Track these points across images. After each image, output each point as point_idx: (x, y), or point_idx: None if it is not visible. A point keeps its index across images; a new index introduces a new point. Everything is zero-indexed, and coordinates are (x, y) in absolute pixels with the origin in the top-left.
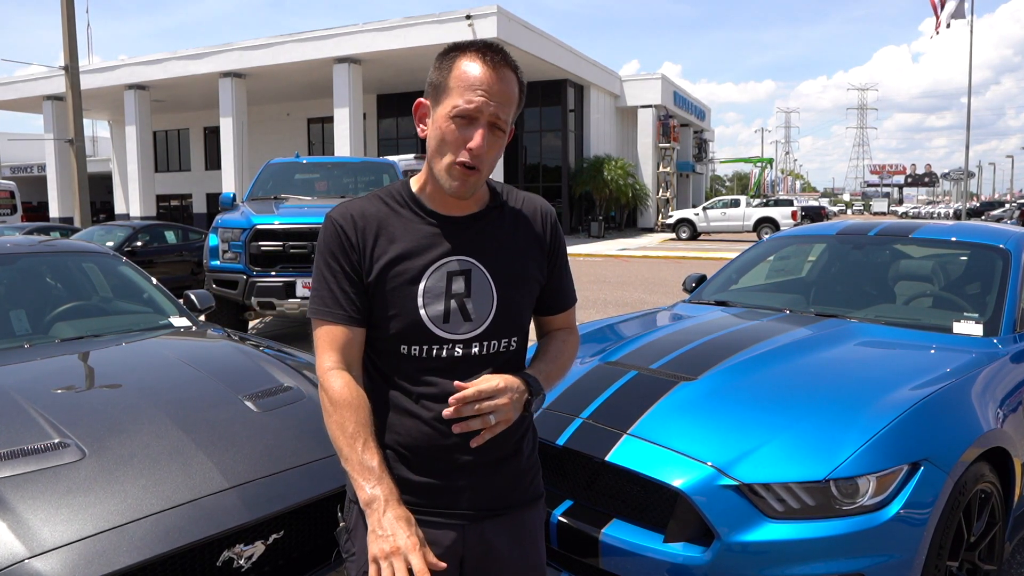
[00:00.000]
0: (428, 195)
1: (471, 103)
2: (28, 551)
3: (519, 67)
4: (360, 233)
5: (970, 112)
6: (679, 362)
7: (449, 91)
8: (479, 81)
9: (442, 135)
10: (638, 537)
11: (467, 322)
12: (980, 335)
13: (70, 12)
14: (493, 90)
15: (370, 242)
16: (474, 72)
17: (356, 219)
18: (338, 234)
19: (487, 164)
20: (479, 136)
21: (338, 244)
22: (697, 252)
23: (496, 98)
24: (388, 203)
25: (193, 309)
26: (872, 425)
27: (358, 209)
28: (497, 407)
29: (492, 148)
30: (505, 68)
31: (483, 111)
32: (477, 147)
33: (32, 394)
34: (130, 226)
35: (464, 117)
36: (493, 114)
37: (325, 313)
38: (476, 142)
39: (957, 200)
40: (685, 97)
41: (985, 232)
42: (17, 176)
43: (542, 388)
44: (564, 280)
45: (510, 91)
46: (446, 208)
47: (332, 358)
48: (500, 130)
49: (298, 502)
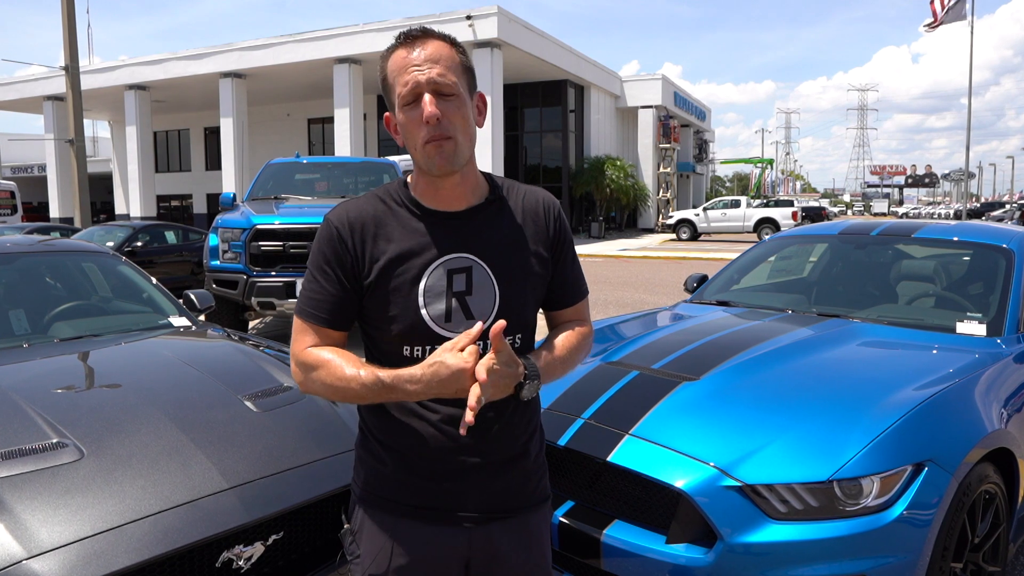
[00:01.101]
0: (422, 191)
1: (406, 84)
2: (26, 552)
3: (446, 34)
4: (357, 236)
5: (971, 113)
6: (681, 362)
7: (391, 86)
8: (405, 60)
9: (405, 127)
10: (640, 538)
11: (469, 320)
12: (983, 335)
13: (70, 12)
14: (420, 59)
15: (368, 244)
16: (400, 56)
17: (353, 222)
18: (333, 238)
19: (458, 129)
20: (427, 104)
21: (333, 249)
22: (698, 253)
23: (425, 65)
24: (385, 202)
25: (193, 309)
26: (876, 426)
27: (355, 210)
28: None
29: (454, 113)
30: (424, 38)
31: (420, 81)
32: (430, 114)
33: (31, 394)
34: (130, 226)
35: (410, 101)
36: (431, 80)
37: (310, 315)
38: (427, 110)
39: (957, 201)
40: (685, 98)
41: (988, 232)
42: (17, 176)
43: (538, 373)
44: (572, 273)
45: (437, 53)
46: (442, 203)
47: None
48: (451, 94)
49: (298, 503)
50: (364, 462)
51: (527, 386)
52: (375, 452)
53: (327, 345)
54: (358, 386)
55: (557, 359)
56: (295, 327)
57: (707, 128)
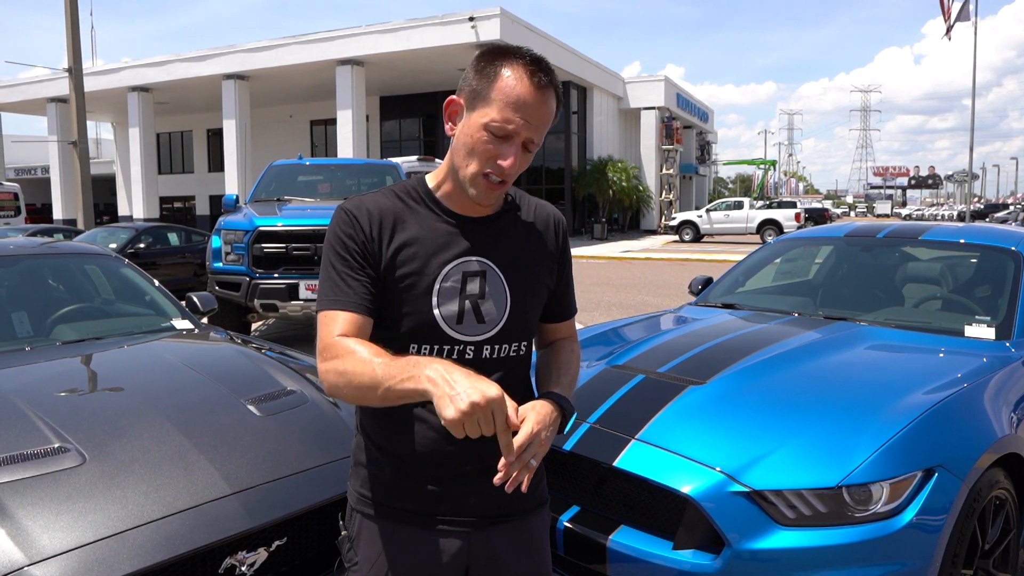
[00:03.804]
0: (445, 194)
1: (510, 123)
2: (27, 558)
3: (560, 89)
4: (376, 224)
5: (974, 114)
6: (687, 366)
7: (489, 101)
8: (523, 103)
9: (473, 143)
10: (646, 544)
11: (480, 324)
12: (992, 338)
13: (74, 14)
14: (535, 114)
15: (387, 235)
16: (519, 91)
17: (371, 211)
18: (351, 223)
19: (513, 179)
20: (512, 156)
21: (350, 233)
22: (700, 254)
23: (535, 121)
24: (403, 199)
25: (195, 311)
26: (885, 431)
27: (372, 202)
28: (540, 452)
29: (521, 165)
30: (550, 90)
31: (521, 133)
32: (509, 166)
33: (32, 398)
34: (133, 228)
35: (499, 134)
36: (530, 139)
37: (333, 303)
38: (509, 162)
39: (961, 202)
40: (688, 99)
41: (995, 234)
42: (21, 178)
43: (574, 408)
44: (569, 288)
45: (550, 114)
46: (462, 209)
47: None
48: (530, 151)
49: (301, 508)
50: (361, 468)
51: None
52: (373, 457)
53: (355, 335)
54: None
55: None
56: (320, 321)
57: (710, 129)
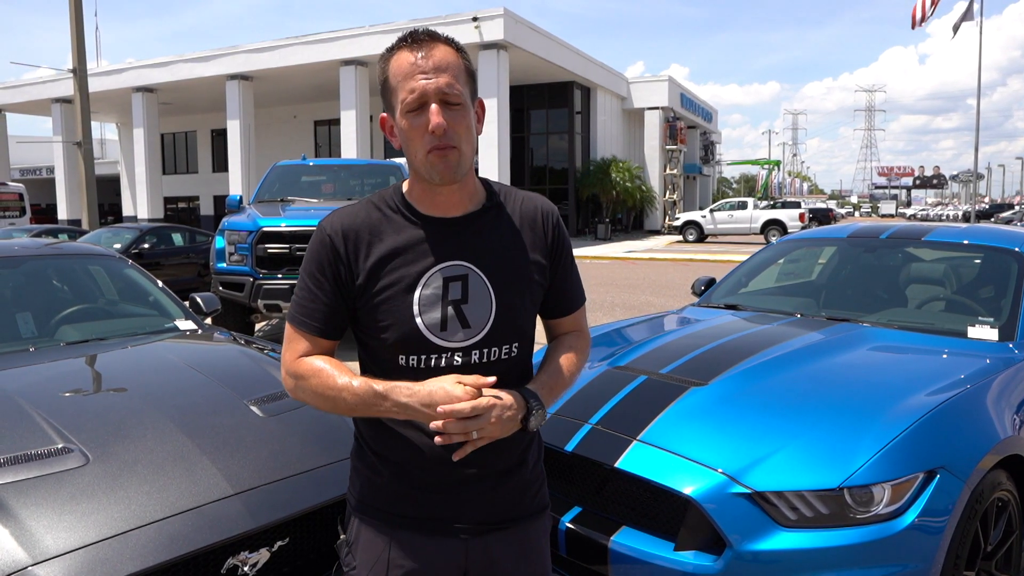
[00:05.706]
0: (417, 197)
1: (413, 90)
2: (31, 558)
3: (452, 39)
4: (351, 244)
5: (979, 114)
6: (689, 367)
7: (394, 90)
8: (412, 66)
9: (406, 131)
10: (648, 545)
11: (465, 329)
12: (996, 340)
13: (78, 15)
14: (427, 66)
15: (363, 250)
16: (403, 61)
17: (346, 230)
18: (326, 246)
19: (462, 139)
20: (434, 114)
21: (326, 256)
22: (704, 255)
23: (433, 72)
24: (380, 208)
25: (199, 312)
26: (887, 432)
27: (349, 217)
28: (481, 426)
29: (459, 122)
30: (432, 42)
31: (428, 91)
32: (436, 125)
33: (36, 398)
34: (137, 228)
35: (415, 108)
36: (438, 89)
37: (301, 323)
38: (433, 121)
39: (965, 202)
40: (692, 99)
41: (999, 235)
42: (26, 178)
43: (543, 403)
44: (570, 281)
45: (445, 60)
46: (438, 209)
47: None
48: (458, 104)
49: (303, 509)
50: (359, 472)
51: (533, 418)
52: (370, 462)
53: (318, 354)
54: (350, 396)
55: (559, 381)
56: (287, 335)
57: (713, 129)
